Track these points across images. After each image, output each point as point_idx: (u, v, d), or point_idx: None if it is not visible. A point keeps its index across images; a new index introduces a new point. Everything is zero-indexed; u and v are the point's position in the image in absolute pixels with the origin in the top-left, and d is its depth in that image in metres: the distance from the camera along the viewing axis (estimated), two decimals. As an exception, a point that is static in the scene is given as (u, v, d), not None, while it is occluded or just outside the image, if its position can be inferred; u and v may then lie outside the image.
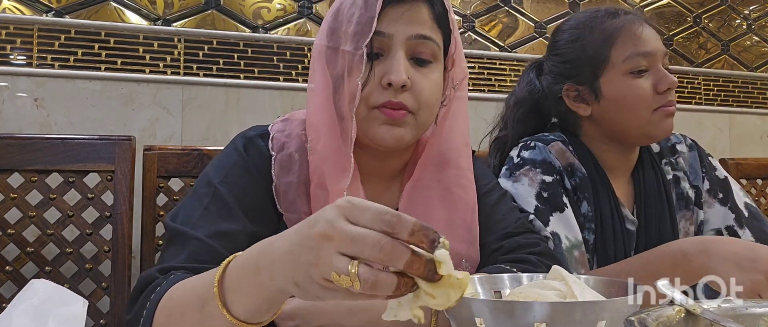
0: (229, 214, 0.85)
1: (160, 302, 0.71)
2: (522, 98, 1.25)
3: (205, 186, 0.88)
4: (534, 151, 1.13)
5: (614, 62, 1.11)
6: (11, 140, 1.27)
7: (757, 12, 2.46)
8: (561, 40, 1.20)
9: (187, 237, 0.81)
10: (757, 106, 2.41)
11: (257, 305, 0.61)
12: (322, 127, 0.87)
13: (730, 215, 1.18)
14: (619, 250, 1.12)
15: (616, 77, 1.11)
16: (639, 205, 1.17)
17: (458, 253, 0.93)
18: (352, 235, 0.51)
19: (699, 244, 0.91)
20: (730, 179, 1.22)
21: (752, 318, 0.57)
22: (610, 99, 1.12)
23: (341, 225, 0.51)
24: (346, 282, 0.51)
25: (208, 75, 1.73)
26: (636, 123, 1.11)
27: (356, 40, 0.83)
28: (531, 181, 1.10)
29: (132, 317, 0.74)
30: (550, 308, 0.55)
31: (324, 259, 0.52)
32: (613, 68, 1.11)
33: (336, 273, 0.51)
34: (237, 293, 0.62)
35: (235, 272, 0.63)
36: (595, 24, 1.15)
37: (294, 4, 1.84)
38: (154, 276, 0.76)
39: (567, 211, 1.08)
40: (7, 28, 1.58)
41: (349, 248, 0.51)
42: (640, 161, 1.20)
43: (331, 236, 0.52)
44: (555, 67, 1.19)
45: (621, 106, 1.11)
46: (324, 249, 0.52)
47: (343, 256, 0.51)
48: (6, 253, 1.25)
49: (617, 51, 1.11)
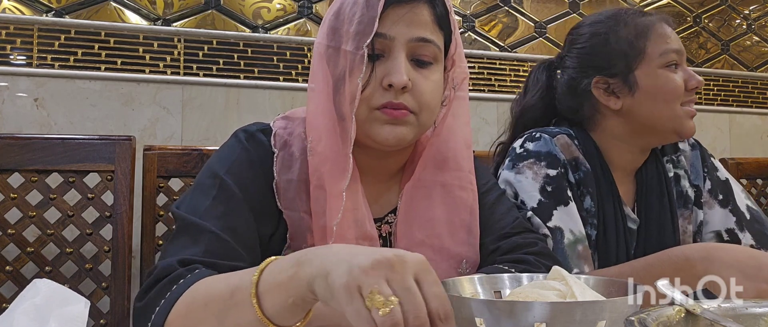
0: (238, 208, 0.85)
1: (185, 294, 0.70)
2: (531, 105, 1.24)
3: (210, 177, 0.87)
4: (539, 143, 1.12)
5: (650, 55, 1.11)
6: (11, 140, 1.27)
7: (757, 12, 2.46)
8: (585, 34, 1.19)
9: (200, 229, 0.81)
10: (757, 106, 2.41)
11: (285, 299, 0.61)
12: (323, 128, 0.87)
13: (731, 218, 1.18)
14: (621, 248, 1.11)
15: (652, 70, 1.11)
16: (640, 203, 1.17)
17: (458, 254, 0.93)
18: (409, 284, 0.53)
19: (702, 251, 0.91)
20: (731, 181, 1.22)
21: (752, 318, 0.57)
22: (646, 90, 1.11)
23: (408, 269, 0.54)
24: (379, 303, 0.52)
25: (208, 75, 1.73)
26: (669, 115, 1.11)
27: (357, 40, 0.83)
28: (535, 174, 1.09)
29: (145, 304, 0.73)
30: (550, 308, 0.56)
31: (376, 274, 0.53)
32: (649, 61, 1.11)
33: (377, 289, 0.52)
34: (271, 283, 0.62)
35: (280, 262, 0.63)
36: (626, 19, 1.15)
37: (294, 4, 1.84)
38: (174, 266, 0.75)
39: (571, 205, 1.08)
40: (7, 28, 1.58)
41: (399, 288, 0.53)
42: (644, 161, 1.20)
43: (396, 268, 0.53)
44: (580, 61, 1.18)
45: (657, 97, 1.11)
46: (381, 269, 0.53)
47: (389, 286, 0.53)
48: (6, 253, 1.25)
49: (653, 44, 1.11)
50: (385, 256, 0.54)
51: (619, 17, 1.16)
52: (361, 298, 0.52)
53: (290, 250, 0.88)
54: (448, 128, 0.95)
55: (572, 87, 1.18)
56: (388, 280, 0.53)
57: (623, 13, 1.17)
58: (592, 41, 1.17)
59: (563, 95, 1.21)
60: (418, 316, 0.52)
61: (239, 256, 0.81)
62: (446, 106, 0.94)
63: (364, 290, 0.52)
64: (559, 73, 1.22)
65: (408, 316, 0.52)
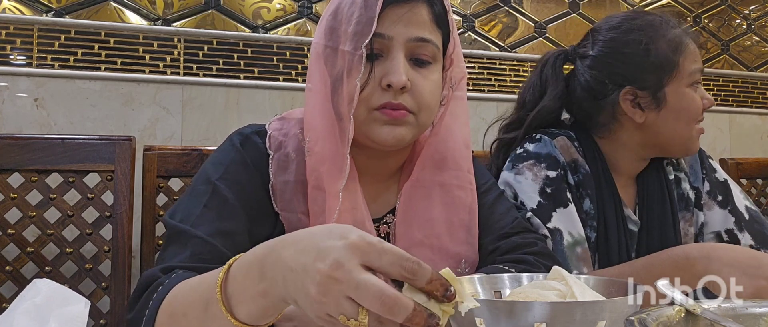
0: (230, 212, 0.85)
1: (163, 302, 0.70)
2: (551, 109, 1.18)
3: (204, 183, 0.87)
4: (539, 144, 1.12)
5: (681, 73, 1.09)
6: (11, 140, 1.27)
7: (757, 12, 2.46)
8: (618, 39, 1.13)
9: (188, 236, 0.81)
10: (757, 106, 2.40)
11: (260, 310, 0.61)
12: (321, 129, 0.87)
13: (730, 218, 1.18)
14: (622, 250, 1.11)
15: (681, 88, 1.09)
16: (641, 206, 1.17)
17: (458, 254, 0.93)
18: (356, 282, 0.50)
19: (702, 250, 0.92)
20: (730, 182, 1.22)
21: (752, 318, 0.57)
22: (672, 108, 1.09)
23: (349, 269, 0.51)
24: (354, 325, 0.51)
25: (208, 75, 1.73)
26: (686, 135, 1.11)
27: (356, 40, 0.82)
28: (535, 176, 1.09)
29: (133, 317, 0.74)
30: (550, 308, 0.56)
31: (332, 299, 0.52)
32: (679, 78, 1.09)
33: (344, 316, 0.52)
34: (240, 297, 0.61)
35: (239, 276, 0.61)
36: (665, 31, 1.11)
37: (294, 4, 1.84)
38: (156, 275, 0.76)
39: (570, 207, 1.08)
40: (7, 28, 1.58)
41: (354, 293, 0.51)
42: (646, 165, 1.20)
43: (338, 279, 0.51)
44: (610, 67, 1.13)
45: (681, 116, 1.09)
46: (331, 290, 0.51)
47: (350, 300, 0.51)
48: (6, 253, 1.25)
49: (685, 61, 1.09)
50: (326, 274, 0.51)
51: (658, 28, 1.11)
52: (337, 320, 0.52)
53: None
54: (446, 128, 0.95)
55: (595, 92, 1.14)
56: (342, 293, 0.51)
57: (659, 22, 1.12)
58: (628, 49, 1.11)
59: (582, 99, 1.16)
60: (383, 301, 0.50)
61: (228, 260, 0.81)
62: (444, 105, 0.94)
63: (334, 314, 0.52)
64: (579, 72, 1.17)
65: (377, 309, 0.51)
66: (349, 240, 0.52)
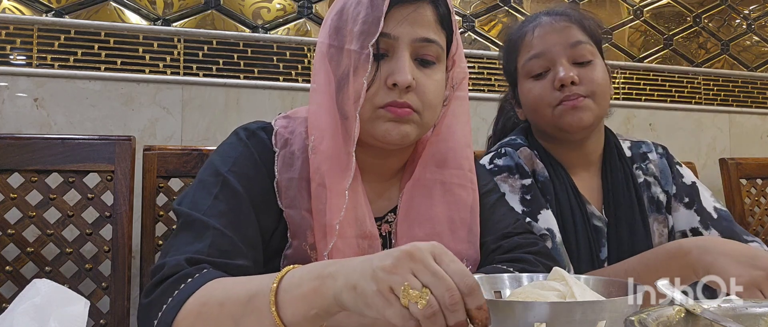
0: (240, 204, 0.84)
1: (197, 293, 0.70)
2: (513, 123, 1.33)
3: (213, 175, 0.87)
4: (506, 158, 1.16)
5: (520, 70, 1.18)
6: (11, 140, 1.27)
7: (757, 12, 2.46)
8: None
9: (204, 225, 0.80)
10: (757, 106, 2.40)
11: (307, 310, 0.62)
12: (326, 127, 0.87)
13: (696, 217, 1.19)
14: (589, 246, 1.13)
15: (523, 83, 1.18)
16: (607, 203, 1.18)
17: (459, 252, 0.93)
18: (434, 269, 0.55)
19: (697, 241, 0.94)
20: (698, 185, 1.23)
21: (752, 318, 0.57)
22: (524, 103, 1.19)
23: (428, 255, 0.56)
24: (415, 297, 0.54)
25: (207, 75, 1.73)
26: (546, 121, 1.15)
27: (362, 39, 0.83)
28: (511, 187, 1.12)
29: (150, 302, 0.73)
30: (550, 308, 0.56)
31: (401, 270, 0.56)
32: (521, 75, 1.18)
33: (409, 285, 0.55)
34: (292, 294, 0.63)
35: (299, 274, 0.64)
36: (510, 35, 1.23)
37: (294, 4, 1.84)
38: (182, 265, 0.75)
39: (549, 209, 1.11)
40: (7, 28, 1.58)
41: (426, 276, 0.55)
42: (609, 160, 1.21)
43: (416, 258, 0.56)
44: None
45: (529, 108, 1.18)
46: (403, 263, 0.56)
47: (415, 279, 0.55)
48: (6, 253, 1.25)
49: (520, 58, 1.18)
50: (402, 250, 0.56)
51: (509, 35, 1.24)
52: (396, 298, 0.55)
53: (291, 249, 0.88)
54: (447, 128, 0.95)
55: (502, 101, 1.35)
56: (414, 271, 0.55)
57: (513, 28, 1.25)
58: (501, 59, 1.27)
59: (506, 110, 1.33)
60: (452, 295, 0.54)
61: (243, 254, 0.81)
62: (446, 105, 0.94)
63: (396, 289, 0.55)
64: None
65: (442, 299, 0.54)
66: (430, 243, 0.58)
